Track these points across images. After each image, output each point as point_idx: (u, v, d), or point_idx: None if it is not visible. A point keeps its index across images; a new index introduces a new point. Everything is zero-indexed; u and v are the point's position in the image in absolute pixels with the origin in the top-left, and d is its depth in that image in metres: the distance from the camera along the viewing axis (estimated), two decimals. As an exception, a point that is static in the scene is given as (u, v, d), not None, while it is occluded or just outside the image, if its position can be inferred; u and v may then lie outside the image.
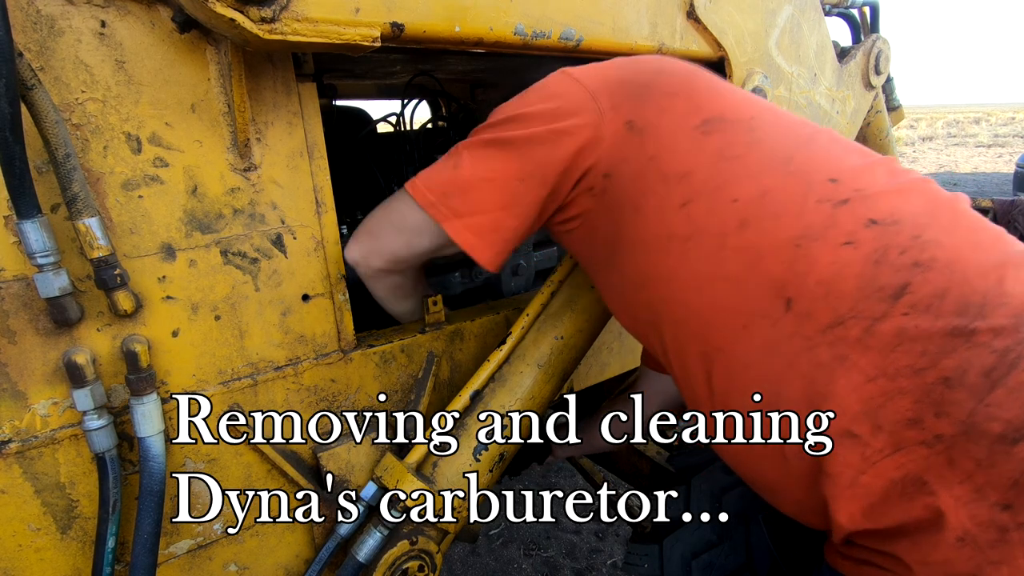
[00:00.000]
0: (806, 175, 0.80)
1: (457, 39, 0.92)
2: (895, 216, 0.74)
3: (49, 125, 0.70)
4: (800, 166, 0.81)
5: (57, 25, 0.74)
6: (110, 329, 0.83)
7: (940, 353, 0.66)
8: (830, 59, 1.64)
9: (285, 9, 0.73)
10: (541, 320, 1.14)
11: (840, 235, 0.74)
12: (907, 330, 0.67)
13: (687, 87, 0.91)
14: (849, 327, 0.70)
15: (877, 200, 0.76)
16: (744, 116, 0.88)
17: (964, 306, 0.66)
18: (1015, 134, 25.02)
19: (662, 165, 0.84)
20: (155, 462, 0.83)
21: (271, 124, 0.90)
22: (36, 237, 0.71)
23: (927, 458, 0.66)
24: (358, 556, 0.99)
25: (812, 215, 0.76)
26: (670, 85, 0.91)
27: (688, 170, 0.83)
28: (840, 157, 0.83)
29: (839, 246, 0.73)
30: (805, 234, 0.75)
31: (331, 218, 0.99)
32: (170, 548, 0.92)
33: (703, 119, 0.86)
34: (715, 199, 0.80)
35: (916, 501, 0.66)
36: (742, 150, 0.83)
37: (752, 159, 0.82)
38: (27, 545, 0.81)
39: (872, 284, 0.70)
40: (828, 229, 0.74)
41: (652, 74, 0.93)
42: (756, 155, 0.82)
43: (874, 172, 0.81)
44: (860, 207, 0.75)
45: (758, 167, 0.81)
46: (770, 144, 0.84)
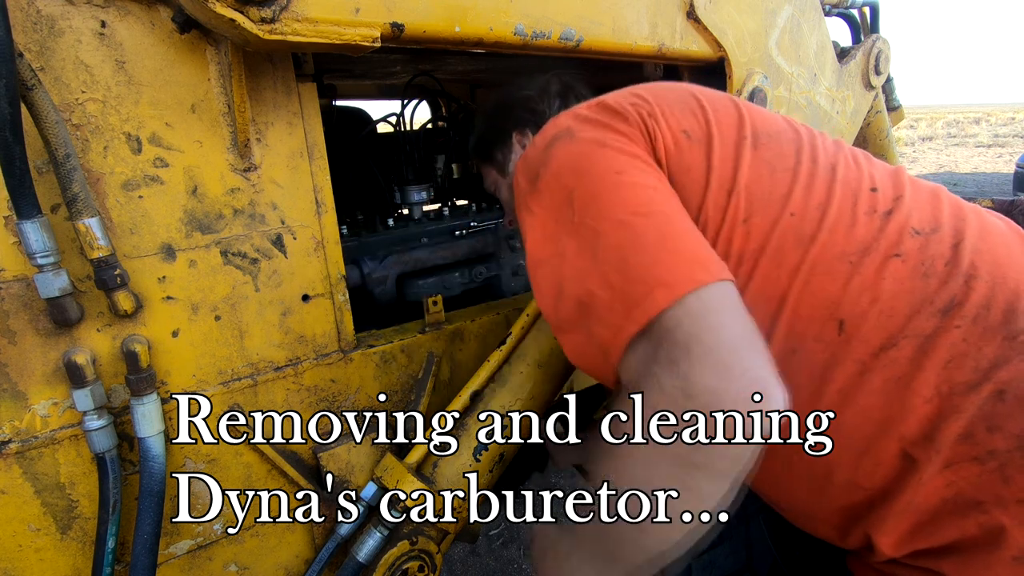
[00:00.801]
0: (851, 185, 0.77)
1: (457, 39, 0.92)
2: (933, 224, 0.72)
3: (49, 125, 0.70)
4: (844, 175, 0.78)
5: (57, 25, 0.74)
6: (110, 329, 0.82)
7: (992, 366, 0.64)
8: (830, 59, 1.64)
9: (285, 9, 0.73)
10: (541, 320, 1.14)
11: (889, 247, 0.71)
12: (958, 345, 0.65)
13: (722, 100, 0.87)
14: (902, 348, 0.67)
15: (914, 209, 0.74)
16: (780, 126, 0.84)
17: (1011, 313, 0.65)
18: (1015, 134, 25.03)
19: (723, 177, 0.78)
20: (155, 462, 0.83)
21: (271, 124, 0.90)
22: (36, 237, 0.71)
23: (980, 475, 0.63)
24: (358, 556, 0.99)
25: (863, 228, 0.73)
26: (707, 97, 0.87)
27: (748, 182, 0.77)
28: (867, 165, 0.81)
29: (889, 259, 0.70)
30: (858, 248, 0.71)
31: (331, 218, 0.99)
32: (170, 548, 0.92)
33: (750, 131, 0.81)
34: (774, 213, 0.75)
35: (969, 519, 0.64)
36: (792, 161, 0.79)
37: (803, 170, 0.78)
38: (27, 545, 0.81)
39: (923, 299, 0.67)
40: (878, 242, 0.71)
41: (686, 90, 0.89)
42: (806, 166, 0.78)
43: (901, 179, 0.79)
44: (902, 217, 0.73)
45: (808, 179, 0.77)
46: (812, 155, 0.80)
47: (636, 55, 1.17)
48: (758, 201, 0.76)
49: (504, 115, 1.23)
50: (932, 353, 0.66)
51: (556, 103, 1.18)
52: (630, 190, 0.72)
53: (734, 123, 0.82)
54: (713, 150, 0.79)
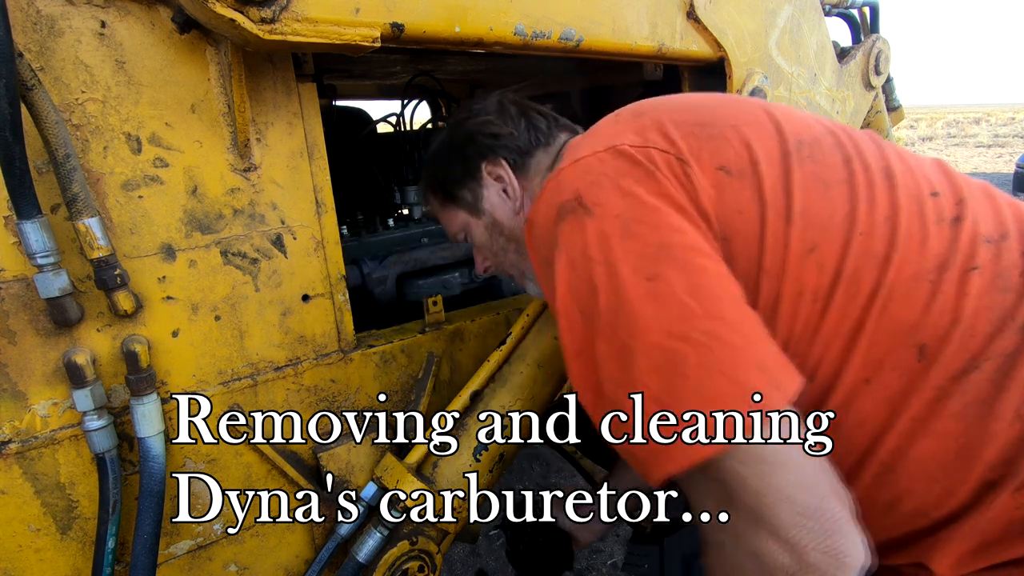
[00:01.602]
0: (911, 190, 0.69)
1: (457, 39, 0.92)
2: (1001, 230, 0.67)
3: (49, 125, 0.70)
4: (902, 180, 0.69)
5: (57, 25, 0.74)
6: (110, 329, 0.82)
7: None
8: (830, 59, 1.64)
9: (285, 9, 0.73)
10: (541, 320, 1.14)
11: (965, 260, 0.65)
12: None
13: (749, 110, 0.77)
14: (983, 370, 0.62)
15: (979, 214, 0.68)
16: (816, 130, 0.75)
17: None
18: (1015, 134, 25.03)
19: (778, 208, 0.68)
20: (155, 462, 0.83)
21: (271, 124, 0.90)
22: (36, 237, 0.71)
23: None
24: (358, 556, 0.99)
25: (935, 240, 0.66)
26: (733, 115, 0.76)
27: (804, 206, 0.68)
28: (914, 162, 0.74)
29: (967, 273, 0.64)
30: (935, 264, 0.65)
31: (331, 218, 0.99)
32: (170, 548, 0.92)
33: (793, 143, 0.72)
34: (842, 236, 0.67)
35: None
36: (843, 172, 0.70)
37: (859, 181, 0.69)
38: (27, 545, 0.80)
39: (1003, 315, 0.62)
40: (954, 255, 0.65)
41: (707, 108, 0.78)
42: (861, 176, 0.70)
43: (953, 178, 0.72)
44: (970, 224, 0.66)
45: (868, 190, 0.69)
46: (861, 160, 0.71)
47: (636, 55, 1.17)
48: (820, 226, 0.67)
49: (464, 147, 1.02)
50: (1014, 373, 0.61)
51: (521, 122, 1.01)
52: (666, 302, 0.61)
53: (773, 138, 0.72)
54: (762, 180, 0.69)
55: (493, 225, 1.02)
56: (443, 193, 1.07)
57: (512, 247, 1.03)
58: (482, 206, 1.02)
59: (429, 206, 1.14)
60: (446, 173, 1.05)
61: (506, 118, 1.01)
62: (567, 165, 0.73)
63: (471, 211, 1.04)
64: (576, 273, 0.67)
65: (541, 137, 1.01)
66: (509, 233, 1.02)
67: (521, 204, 1.00)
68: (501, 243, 1.03)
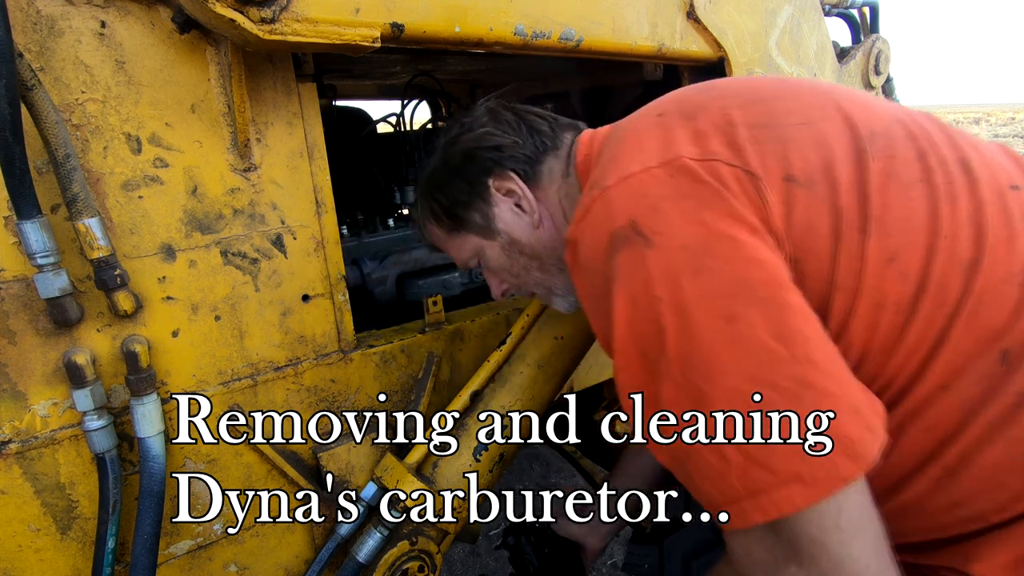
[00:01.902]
0: (991, 184, 0.64)
1: (457, 39, 0.92)
2: None
3: (49, 125, 0.70)
4: (980, 173, 0.64)
5: (57, 26, 0.74)
6: (110, 329, 0.82)
7: None
8: (830, 59, 1.64)
9: (285, 9, 0.73)
10: (541, 320, 1.14)
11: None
12: None
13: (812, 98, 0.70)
14: None
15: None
16: (885, 119, 0.68)
17: None
18: (1015, 134, 25.03)
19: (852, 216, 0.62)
20: (155, 462, 0.83)
21: (271, 124, 0.90)
22: (36, 237, 0.71)
23: None
24: (358, 556, 0.99)
25: (1023, 240, 0.61)
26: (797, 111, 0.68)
27: (881, 211, 0.62)
28: (987, 149, 0.69)
29: None
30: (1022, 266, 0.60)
31: (331, 218, 0.99)
32: (170, 548, 0.92)
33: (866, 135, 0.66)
34: (925, 242, 0.61)
35: None
36: (918, 168, 0.64)
37: (938, 178, 0.63)
38: (27, 545, 0.80)
39: None
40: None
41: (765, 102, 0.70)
42: (939, 172, 0.64)
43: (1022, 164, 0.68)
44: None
45: (947, 186, 0.63)
46: (936, 153, 0.65)
47: (636, 55, 1.17)
48: (900, 232, 0.62)
49: (464, 166, 0.93)
50: None
51: (522, 128, 0.92)
52: (748, 347, 0.56)
53: (844, 133, 0.65)
54: (835, 188, 0.62)
55: (510, 245, 0.94)
56: (449, 220, 0.97)
57: (535, 264, 0.95)
58: (495, 226, 0.93)
59: (431, 237, 1.04)
60: (449, 198, 0.95)
61: (504, 126, 0.93)
62: (615, 183, 0.65)
63: (483, 234, 0.95)
64: (638, 312, 0.60)
65: (547, 141, 0.92)
66: (530, 250, 0.93)
67: (540, 217, 0.91)
68: (522, 262, 0.95)
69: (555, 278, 0.96)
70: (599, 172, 0.71)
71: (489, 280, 1.03)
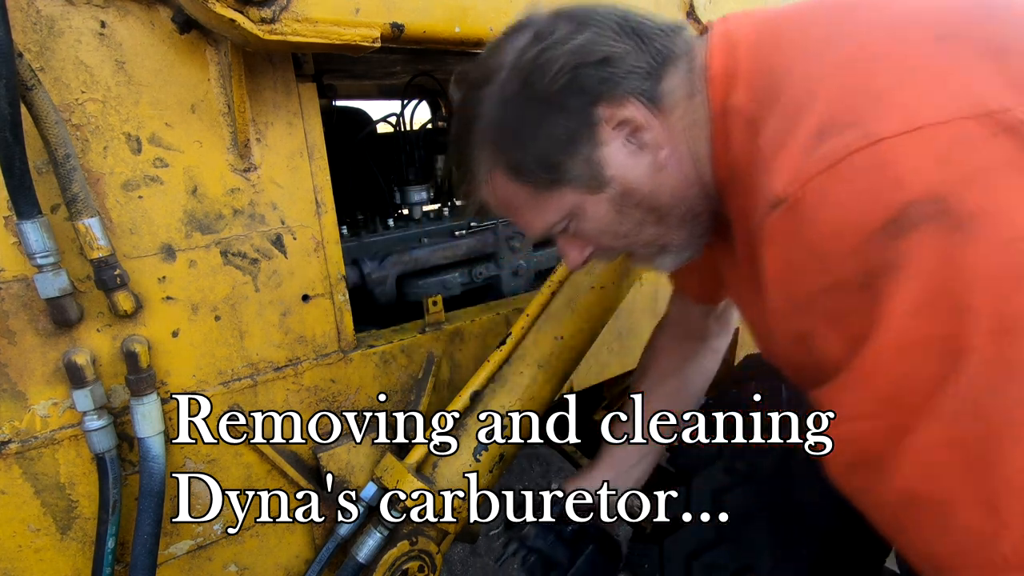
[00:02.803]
0: None
1: (457, 39, 0.92)
2: None
3: (49, 125, 0.70)
4: None
5: (57, 26, 0.74)
6: (110, 329, 0.82)
7: None
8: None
9: (285, 9, 0.73)
10: (541, 320, 1.14)
11: None
12: None
13: None
14: None
15: None
16: None
17: None
18: (1015, 134, 24.94)
19: None
20: (155, 462, 0.83)
21: (271, 124, 0.90)
22: (36, 237, 0.71)
23: None
24: (358, 556, 0.99)
25: None
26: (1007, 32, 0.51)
27: None
28: None
29: None
30: None
31: (331, 218, 0.99)
32: (170, 548, 0.92)
33: None
34: None
35: None
36: None
37: None
38: (27, 545, 0.80)
39: None
40: None
41: None
42: None
43: None
44: None
45: None
46: None
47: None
48: None
49: (564, 92, 0.66)
50: None
51: (627, 30, 0.67)
52: None
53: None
54: None
55: (623, 196, 0.70)
56: (540, 172, 0.69)
57: (652, 218, 0.72)
58: (605, 175, 0.68)
59: (501, 199, 0.75)
60: (539, 141, 0.68)
61: (605, 30, 0.66)
62: (898, 134, 0.47)
63: (587, 187, 0.69)
64: (932, 323, 0.45)
65: (662, 46, 0.67)
66: (650, 201, 0.70)
67: (666, 155, 0.68)
68: (636, 218, 0.72)
69: (674, 233, 0.74)
70: (832, 107, 0.51)
71: (568, 247, 0.78)
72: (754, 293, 0.65)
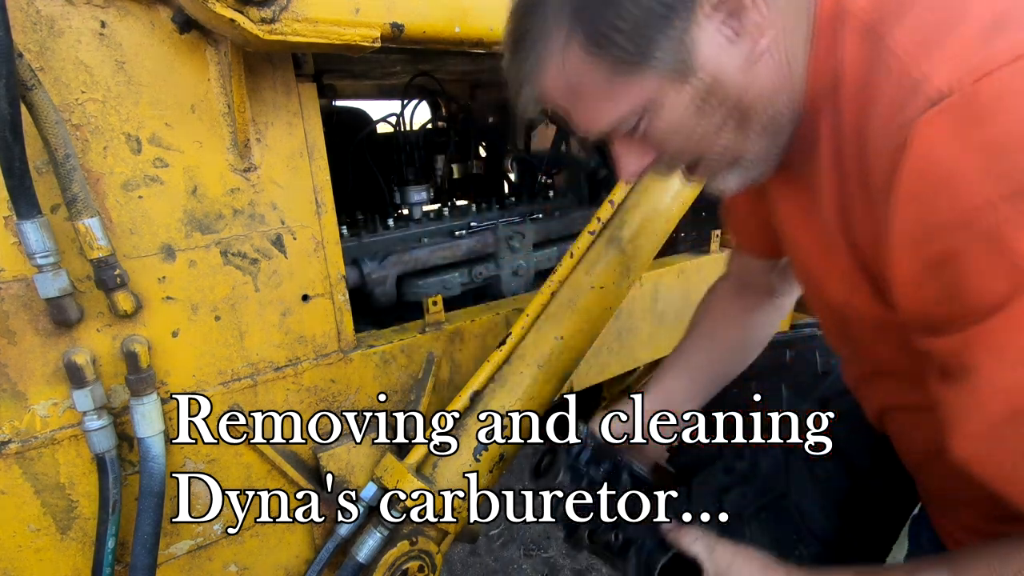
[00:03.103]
0: None
1: (457, 39, 0.92)
2: None
3: (49, 125, 0.70)
4: None
5: (57, 26, 0.74)
6: (110, 329, 0.82)
7: None
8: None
9: (285, 9, 0.73)
10: (541, 320, 1.14)
11: None
12: None
13: None
14: None
15: None
16: None
17: None
18: (1015, 134, 24.92)
19: None
20: (155, 462, 0.83)
21: (271, 124, 0.90)
22: (36, 237, 0.71)
23: None
24: (358, 556, 0.99)
25: None
26: None
27: None
28: None
29: None
30: None
31: (331, 218, 0.99)
32: (170, 548, 0.92)
33: None
34: None
35: None
36: None
37: None
38: (27, 545, 0.81)
39: None
40: None
41: None
42: None
43: None
44: None
45: None
46: None
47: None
48: None
49: None
50: None
51: None
52: None
53: None
54: None
55: (710, 91, 0.60)
56: (625, 48, 0.58)
57: (734, 121, 0.62)
58: (695, 62, 0.58)
59: (559, 88, 0.63)
60: (631, 10, 0.56)
61: None
62: None
63: (672, 74, 0.59)
64: None
65: None
66: (735, 99, 0.61)
67: (765, 46, 0.59)
68: (718, 119, 0.62)
69: (753, 142, 0.65)
70: (1003, 2, 0.47)
71: (626, 153, 0.68)
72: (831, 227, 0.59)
